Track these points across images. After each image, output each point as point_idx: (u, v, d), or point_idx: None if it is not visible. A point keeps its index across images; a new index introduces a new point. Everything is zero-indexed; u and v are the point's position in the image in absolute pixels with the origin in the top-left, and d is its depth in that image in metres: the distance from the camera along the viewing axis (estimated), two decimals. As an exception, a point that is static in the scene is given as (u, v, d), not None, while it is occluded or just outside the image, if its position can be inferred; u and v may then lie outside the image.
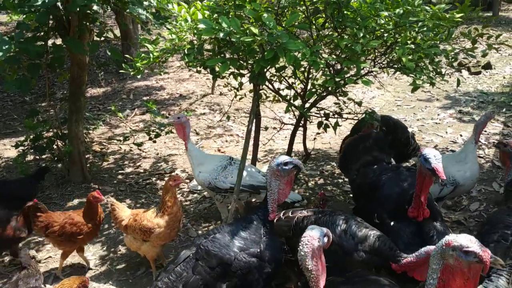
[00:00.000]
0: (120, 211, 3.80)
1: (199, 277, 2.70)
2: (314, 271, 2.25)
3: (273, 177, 2.84)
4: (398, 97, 7.68)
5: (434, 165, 2.77)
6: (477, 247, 1.94)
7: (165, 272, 2.79)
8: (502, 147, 3.75)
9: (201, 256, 2.75)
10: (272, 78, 4.27)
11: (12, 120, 7.35)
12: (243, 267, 2.72)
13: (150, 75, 9.17)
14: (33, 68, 4.40)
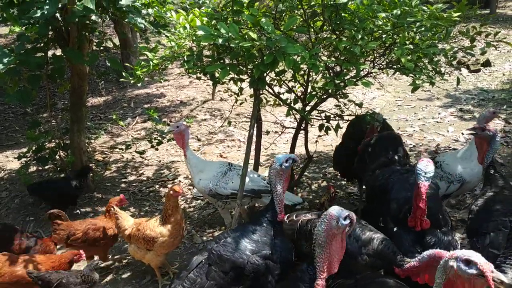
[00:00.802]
0: (123, 220, 3.80)
1: (213, 282, 2.71)
2: (326, 250, 2.27)
3: (277, 178, 2.86)
4: (398, 97, 7.69)
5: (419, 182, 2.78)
6: (479, 258, 1.88)
7: (178, 279, 2.78)
8: (479, 132, 3.55)
9: (213, 261, 2.76)
10: (272, 82, 4.28)
11: (14, 132, 7.37)
12: (256, 270, 2.74)
13: (150, 82, 9.19)
14: (34, 80, 4.42)
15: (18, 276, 3.42)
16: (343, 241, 2.34)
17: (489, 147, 3.47)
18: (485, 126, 3.53)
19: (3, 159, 6.44)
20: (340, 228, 2.27)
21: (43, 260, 3.56)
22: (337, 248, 2.33)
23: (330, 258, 2.30)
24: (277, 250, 2.80)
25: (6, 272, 3.42)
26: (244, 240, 2.81)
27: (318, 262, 2.28)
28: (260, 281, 2.74)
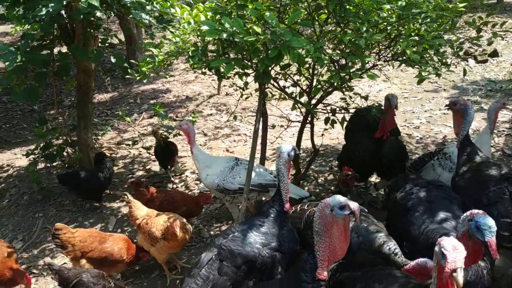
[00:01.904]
0: (136, 210, 3.85)
1: (227, 277, 2.72)
2: (325, 238, 2.25)
3: (283, 166, 2.90)
4: (404, 89, 7.64)
5: (488, 239, 2.23)
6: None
7: (190, 278, 2.78)
8: (452, 106, 3.68)
9: (225, 256, 2.77)
10: (277, 76, 4.27)
11: (22, 129, 7.42)
12: (268, 262, 2.76)
13: (156, 78, 9.21)
14: (40, 77, 4.45)
15: (106, 253, 3.65)
16: (346, 230, 2.29)
17: (463, 120, 3.55)
18: (456, 101, 3.67)
19: (11, 157, 6.49)
20: (335, 217, 2.23)
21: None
22: (339, 237, 2.28)
23: (331, 246, 2.27)
24: (285, 241, 2.83)
25: (96, 247, 3.65)
26: (253, 233, 2.83)
27: (318, 251, 2.27)
28: (272, 272, 2.76)
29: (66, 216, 4.92)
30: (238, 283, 2.73)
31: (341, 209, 2.22)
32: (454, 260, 1.95)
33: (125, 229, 4.61)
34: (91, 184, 4.85)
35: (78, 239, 3.67)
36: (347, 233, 2.30)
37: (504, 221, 2.98)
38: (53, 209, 5.08)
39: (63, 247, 3.65)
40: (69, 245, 3.64)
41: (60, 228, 3.69)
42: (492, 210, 3.04)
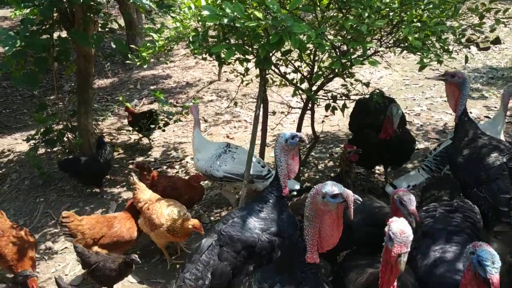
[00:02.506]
0: (141, 193, 3.86)
1: (227, 263, 2.75)
2: (315, 224, 2.24)
3: (282, 153, 2.89)
4: (406, 76, 7.61)
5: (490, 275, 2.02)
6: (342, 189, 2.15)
7: (191, 263, 2.81)
8: (449, 78, 3.53)
9: (224, 242, 2.79)
10: (278, 62, 4.25)
11: (22, 115, 7.41)
12: (267, 247, 2.78)
13: (156, 64, 9.16)
14: (40, 62, 4.43)
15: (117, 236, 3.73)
16: (339, 218, 2.24)
17: (460, 93, 3.47)
18: (454, 73, 3.53)
19: (12, 142, 6.49)
20: (327, 204, 2.18)
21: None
22: (330, 225, 2.23)
23: (322, 233, 2.25)
24: (285, 226, 2.84)
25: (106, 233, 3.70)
26: (253, 219, 2.84)
27: (307, 235, 2.25)
28: (272, 257, 2.78)
29: (67, 201, 4.94)
30: (238, 268, 2.75)
31: (333, 197, 2.16)
32: (400, 245, 1.98)
33: (126, 215, 4.62)
34: (91, 170, 4.85)
35: (86, 227, 3.67)
36: (340, 221, 2.25)
37: (504, 197, 3.02)
38: (54, 194, 5.10)
39: (72, 236, 3.64)
40: (79, 233, 3.63)
41: (67, 216, 3.67)
42: (492, 186, 3.10)
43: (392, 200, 2.72)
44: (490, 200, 3.11)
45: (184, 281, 2.75)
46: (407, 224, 2.07)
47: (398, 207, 2.63)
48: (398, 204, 2.63)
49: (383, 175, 4.77)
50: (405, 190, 2.69)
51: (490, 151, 3.24)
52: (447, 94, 3.68)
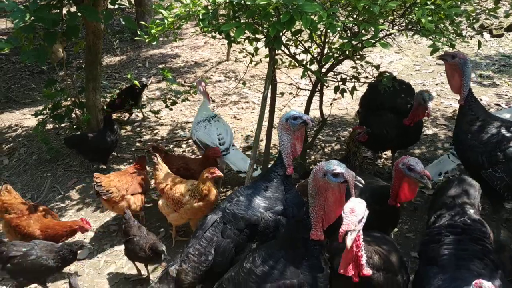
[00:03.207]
0: (162, 173, 3.89)
1: (229, 240, 2.78)
2: (319, 201, 2.27)
3: (283, 131, 2.89)
4: (416, 62, 7.52)
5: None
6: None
7: (195, 239, 2.84)
8: (449, 59, 3.43)
9: (228, 219, 2.82)
10: (288, 43, 4.21)
11: (30, 90, 7.43)
12: (270, 226, 2.80)
13: (165, 43, 9.12)
14: (49, 37, 4.41)
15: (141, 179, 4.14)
16: (341, 197, 2.28)
17: (462, 75, 3.40)
18: (457, 53, 3.43)
19: (20, 117, 6.53)
20: (327, 182, 2.23)
21: None
22: (333, 202, 2.28)
23: (326, 210, 2.28)
24: (289, 205, 2.85)
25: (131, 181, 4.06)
26: (257, 198, 2.85)
27: (312, 213, 2.29)
28: (275, 236, 2.79)
29: (73, 177, 4.98)
30: (241, 245, 2.78)
31: (334, 176, 2.21)
32: (347, 223, 2.07)
33: (132, 191, 4.66)
34: (98, 147, 4.88)
35: (116, 181, 3.95)
36: (342, 200, 2.27)
37: None
38: (61, 169, 5.14)
39: (108, 192, 3.86)
40: (113, 188, 3.88)
41: (98, 176, 3.94)
42: (510, 166, 3.12)
43: (397, 170, 2.71)
44: (506, 179, 3.14)
45: (188, 256, 2.79)
46: (361, 204, 2.14)
47: (407, 174, 2.63)
48: (407, 172, 2.63)
49: (390, 160, 4.75)
50: (407, 157, 2.71)
51: (506, 131, 3.23)
52: (447, 75, 3.61)
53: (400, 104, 4.19)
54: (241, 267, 2.45)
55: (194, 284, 2.79)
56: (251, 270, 2.38)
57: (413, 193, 2.81)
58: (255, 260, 2.40)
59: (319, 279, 2.30)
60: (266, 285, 2.31)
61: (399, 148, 4.52)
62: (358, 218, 2.08)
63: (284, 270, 2.31)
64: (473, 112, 3.38)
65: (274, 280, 2.31)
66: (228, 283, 2.48)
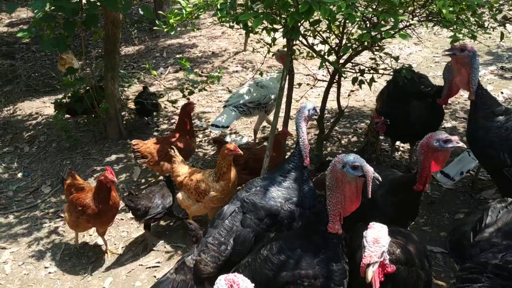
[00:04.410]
0: (178, 166, 3.87)
1: (250, 229, 2.81)
2: (336, 193, 2.26)
3: (304, 122, 2.97)
4: (436, 53, 7.40)
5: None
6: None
7: (213, 228, 2.85)
8: (458, 53, 3.27)
9: (248, 209, 2.85)
10: (306, 33, 4.18)
11: (50, 79, 7.53)
12: (289, 216, 2.84)
13: (182, 33, 9.14)
14: (69, 26, 4.45)
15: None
16: (358, 191, 2.25)
17: (471, 69, 3.26)
18: (464, 46, 3.27)
19: (40, 105, 6.63)
20: (346, 175, 2.20)
21: None
22: (350, 196, 2.26)
23: (343, 203, 2.27)
24: (306, 197, 2.89)
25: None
26: (276, 188, 2.89)
27: (329, 205, 2.28)
28: (292, 226, 2.83)
29: (92, 164, 5.05)
30: (260, 235, 2.81)
31: (353, 168, 2.19)
32: (370, 255, 2.00)
33: (149, 180, 4.71)
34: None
35: (152, 147, 4.26)
36: (359, 194, 2.26)
37: None
38: (80, 157, 5.22)
39: (143, 157, 4.24)
40: (148, 154, 4.23)
41: (136, 143, 4.27)
42: None
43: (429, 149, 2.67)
44: None
45: (207, 245, 2.80)
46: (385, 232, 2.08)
47: (444, 148, 2.62)
48: (443, 145, 2.62)
49: (407, 152, 4.71)
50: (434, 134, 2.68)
51: None
52: (454, 71, 3.43)
53: (425, 88, 4.11)
54: (258, 254, 2.47)
55: (213, 274, 2.77)
56: (268, 257, 2.40)
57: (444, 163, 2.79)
58: (272, 248, 2.42)
59: (335, 272, 2.30)
60: (281, 273, 2.33)
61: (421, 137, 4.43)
62: (381, 250, 2.03)
63: (300, 260, 2.33)
64: (487, 106, 3.27)
65: (290, 269, 2.32)
66: (245, 268, 2.50)
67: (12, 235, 4.14)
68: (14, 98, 6.72)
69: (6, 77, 7.35)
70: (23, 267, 3.78)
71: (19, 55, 8.64)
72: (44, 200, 4.58)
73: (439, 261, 3.43)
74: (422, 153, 2.69)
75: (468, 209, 3.91)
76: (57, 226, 4.20)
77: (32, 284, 3.61)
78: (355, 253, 2.44)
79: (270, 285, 2.36)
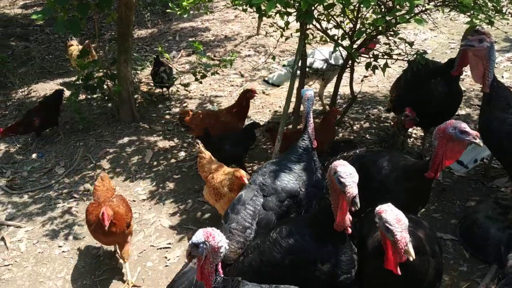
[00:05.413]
0: (204, 160, 3.79)
1: (272, 212, 2.84)
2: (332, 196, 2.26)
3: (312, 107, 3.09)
4: (452, 40, 7.29)
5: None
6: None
7: (235, 214, 2.84)
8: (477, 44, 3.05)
9: (269, 192, 2.88)
10: (319, 17, 4.14)
11: (64, 61, 7.57)
12: (308, 196, 2.90)
13: (195, 16, 9.10)
14: (82, 8, 4.45)
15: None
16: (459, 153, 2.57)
17: (488, 61, 3.10)
18: (484, 37, 3.08)
19: (54, 87, 6.66)
20: (454, 136, 2.47)
21: None
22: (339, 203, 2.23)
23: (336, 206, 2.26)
24: (319, 177, 2.96)
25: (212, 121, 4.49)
26: (293, 170, 2.95)
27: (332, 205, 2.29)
28: (309, 206, 2.91)
29: (105, 147, 5.10)
30: (282, 216, 2.85)
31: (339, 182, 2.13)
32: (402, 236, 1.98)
33: (161, 163, 4.75)
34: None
35: (198, 119, 4.45)
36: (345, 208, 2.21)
37: None
38: (93, 139, 5.27)
39: (187, 127, 4.54)
40: (192, 125, 4.47)
41: (183, 112, 4.60)
42: None
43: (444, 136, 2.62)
44: None
45: (231, 231, 2.78)
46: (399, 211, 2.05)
47: (459, 137, 2.56)
48: (459, 135, 2.56)
49: (420, 139, 4.68)
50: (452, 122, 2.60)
51: None
52: (471, 64, 3.25)
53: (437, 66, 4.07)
54: (268, 236, 2.49)
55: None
56: (277, 240, 2.42)
57: (459, 155, 2.73)
58: (281, 232, 2.44)
59: (342, 262, 2.32)
60: (289, 256, 2.35)
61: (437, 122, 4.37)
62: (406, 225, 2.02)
63: (307, 246, 2.35)
64: (503, 97, 3.16)
65: (297, 253, 2.34)
66: (254, 249, 2.52)
67: (27, 214, 4.23)
68: (28, 80, 6.77)
69: (20, 59, 7.41)
70: (37, 246, 3.86)
71: (33, 37, 8.69)
72: (58, 181, 4.65)
73: (449, 248, 3.43)
74: (437, 138, 2.64)
75: (479, 197, 3.89)
76: (70, 207, 4.27)
77: (46, 262, 3.70)
78: (366, 240, 2.45)
79: (278, 267, 2.38)
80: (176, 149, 4.96)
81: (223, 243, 2.00)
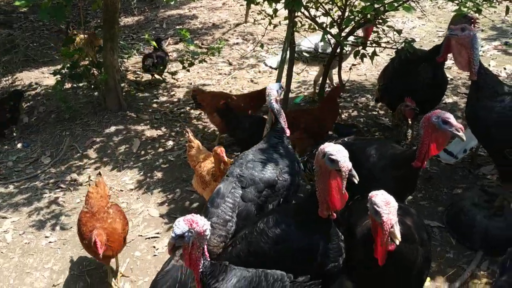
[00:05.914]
0: (193, 149, 3.80)
1: (251, 203, 2.83)
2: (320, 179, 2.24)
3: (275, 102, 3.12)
4: (440, 28, 7.30)
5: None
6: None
7: (215, 208, 2.82)
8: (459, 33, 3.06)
9: (247, 183, 2.86)
10: (308, 5, 4.11)
11: (49, 49, 7.45)
12: (285, 185, 2.90)
13: (182, 3, 9.00)
14: (67, -5, 4.37)
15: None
16: (339, 185, 2.16)
17: (472, 49, 3.09)
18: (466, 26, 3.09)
19: (39, 75, 6.58)
20: (325, 165, 2.14)
21: None
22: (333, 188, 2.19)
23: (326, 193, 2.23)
24: (295, 164, 2.99)
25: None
26: (269, 160, 2.94)
27: (317, 190, 2.27)
28: (288, 195, 2.91)
29: (92, 136, 5.05)
30: (261, 207, 2.84)
31: (330, 161, 2.12)
32: (388, 217, 1.99)
33: (149, 152, 4.72)
34: None
35: (209, 98, 4.59)
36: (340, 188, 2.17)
37: None
38: (79, 128, 5.21)
39: (199, 105, 4.69)
40: (204, 103, 4.59)
41: (196, 89, 4.79)
42: None
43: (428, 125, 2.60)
44: None
45: (213, 226, 2.71)
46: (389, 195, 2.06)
47: (441, 128, 2.55)
48: (442, 125, 2.54)
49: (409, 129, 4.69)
50: (438, 111, 2.59)
51: None
52: (454, 52, 3.25)
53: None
54: (255, 226, 2.49)
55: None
56: (264, 230, 2.42)
57: (443, 146, 2.72)
58: (268, 222, 2.44)
59: (329, 250, 2.32)
60: (276, 246, 2.36)
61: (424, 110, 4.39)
62: (395, 208, 2.02)
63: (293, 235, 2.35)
64: (490, 85, 3.15)
65: (283, 242, 2.35)
66: (242, 240, 2.52)
67: (12, 204, 4.18)
68: (13, 68, 6.66)
69: (4, 47, 7.27)
70: (24, 236, 3.82)
71: (17, 24, 8.52)
72: (44, 170, 4.60)
73: (436, 235, 3.46)
74: (423, 127, 2.66)
75: (466, 184, 3.93)
76: (57, 197, 4.22)
77: (33, 253, 3.66)
78: (354, 228, 2.46)
79: (266, 257, 2.38)
80: (164, 138, 4.93)
81: (207, 225, 2.00)
